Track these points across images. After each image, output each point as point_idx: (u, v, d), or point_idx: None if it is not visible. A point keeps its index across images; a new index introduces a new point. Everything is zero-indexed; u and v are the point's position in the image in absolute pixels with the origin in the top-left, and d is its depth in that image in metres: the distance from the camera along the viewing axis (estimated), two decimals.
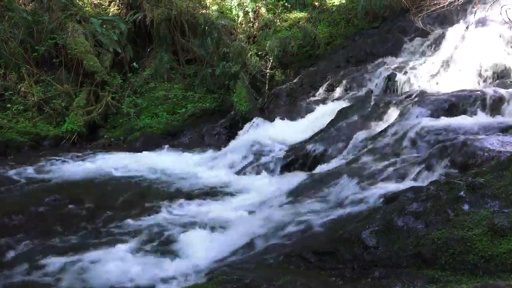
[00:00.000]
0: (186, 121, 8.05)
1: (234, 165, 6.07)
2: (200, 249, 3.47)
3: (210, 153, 6.68)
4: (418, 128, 4.62)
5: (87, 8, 9.44)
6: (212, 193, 4.97)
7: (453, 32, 7.48)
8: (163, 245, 3.61)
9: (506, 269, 2.23)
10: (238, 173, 5.83)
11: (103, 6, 9.94)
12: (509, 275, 2.19)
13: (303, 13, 10.12)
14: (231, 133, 7.53)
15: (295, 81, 8.53)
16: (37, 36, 8.35)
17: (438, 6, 6.76)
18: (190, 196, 4.84)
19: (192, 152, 6.90)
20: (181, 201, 4.65)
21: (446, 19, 8.06)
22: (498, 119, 4.59)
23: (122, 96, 8.41)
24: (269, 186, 5.04)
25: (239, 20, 10.09)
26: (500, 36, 6.63)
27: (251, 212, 4.21)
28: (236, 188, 5.11)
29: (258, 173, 5.75)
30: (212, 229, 3.87)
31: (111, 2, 9.94)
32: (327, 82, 7.97)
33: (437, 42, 7.65)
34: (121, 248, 3.58)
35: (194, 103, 8.36)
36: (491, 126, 4.31)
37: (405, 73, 7.04)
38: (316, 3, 10.27)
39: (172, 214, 4.31)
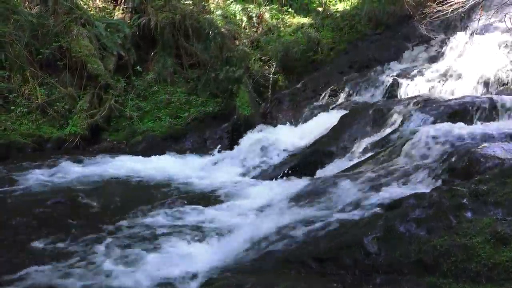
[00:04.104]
0: (188, 125, 8.05)
1: (236, 169, 6.07)
2: (201, 253, 3.47)
3: (212, 157, 6.69)
4: (420, 135, 4.61)
5: (91, 12, 9.50)
6: (213, 197, 4.97)
7: (457, 39, 7.50)
8: (163, 248, 3.60)
9: (508, 277, 2.22)
10: (239, 177, 5.82)
11: (108, 10, 10.00)
12: None
13: (307, 19, 10.15)
14: (234, 137, 7.53)
15: (298, 86, 8.55)
16: (42, 39, 8.39)
17: (441, 13, 6.76)
18: (191, 200, 4.83)
19: (194, 156, 6.90)
20: (183, 204, 4.64)
21: (449, 26, 8.07)
22: (502, 126, 4.57)
23: (125, 100, 8.44)
24: (270, 190, 5.02)
25: (243, 25, 10.12)
26: (503, 43, 6.63)
27: (252, 217, 4.20)
28: (237, 192, 5.10)
29: (259, 177, 5.75)
30: (213, 233, 3.86)
31: (116, 6, 10.00)
32: (330, 88, 7.99)
33: (441, 49, 7.67)
34: (122, 250, 3.58)
35: (197, 107, 8.38)
36: (494, 133, 4.30)
37: (408, 79, 7.05)
38: (320, 9, 10.31)
39: (172, 218, 4.30)
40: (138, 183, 5.58)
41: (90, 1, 9.85)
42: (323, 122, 6.82)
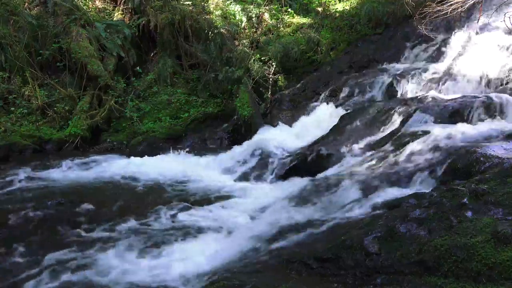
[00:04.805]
0: (189, 125, 8.05)
1: (236, 169, 6.07)
2: (201, 253, 3.47)
3: (212, 157, 6.68)
4: (421, 134, 4.61)
5: (91, 13, 9.50)
6: (214, 197, 4.97)
7: (457, 39, 7.49)
8: (164, 249, 3.61)
9: (509, 277, 2.22)
10: (240, 177, 5.82)
11: (108, 11, 10.00)
12: None
13: (306, 19, 10.15)
14: (234, 138, 7.54)
15: (297, 86, 8.55)
16: (42, 40, 8.40)
17: (441, 13, 6.76)
18: (192, 200, 4.84)
19: (194, 156, 6.90)
20: (183, 205, 4.65)
21: (449, 25, 8.07)
22: (501, 125, 4.57)
23: (125, 100, 8.44)
24: (271, 191, 5.03)
25: (243, 25, 10.13)
26: (503, 43, 6.63)
27: (252, 217, 4.20)
28: (238, 192, 5.10)
29: (260, 178, 5.75)
30: (214, 233, 3.86)
31: (115, 7, 10.00)
32: (330, 88, 7.99)
33: (440, 49, 7.67)
34: (123, 252, 3.58)
35: (197, 107, 8.38)
36: (494, 132, 4.30)
37: (408, 79, 7.05)
38: (319, 9, 10.30)
39: (173, 218, 4.31)
40: (137, 184, 5.58)
41: (90, 2, 9.86)
42: (323, 122, 6.82)
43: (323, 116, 7.19)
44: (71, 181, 5.60)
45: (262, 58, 9.21)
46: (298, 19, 10.20)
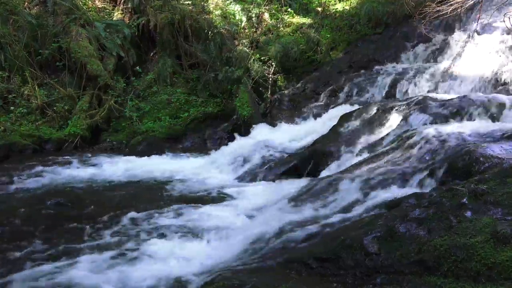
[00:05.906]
0: (188, 125, 8.06)
1: (235, 169, 6.07)
2: (201, 253, 3.47)
3: (212, 157, 6.69)
4: (420, 134, 4.61)
5: (91, 12, 9.50)
6: (213, 197, 4.97)
7: (456, 39, 7.51)
8: (163, 248, 3.60)
9: (508, 277, 2.22)
10: (239, 177, 5.83)
11: (107, 11, 10.00)
12: None
13: (306, 19, 10.16)
14: (234, 138, 7.54)
15: (297, 86, 8.57)
16: (41, 40, 8.40)
17: (441, 13, 6.77)
18: (191, 200, 4.84)
19: (194, 156, 6.90)
20: (182, 205, 4.65)
21: (449, 25, 8.08)
22: (501, 125, 4.57)
23: (125, 100, 8.44)
24: (270, 190, 5.03)
25: (243, 25, 10.13)
26: (502, 43, 6.64)
27: (252, 217, 4.20)
28: (237, 192, 5.10)
29: (259, 177, 5.75)
30: (213, 233, 3.86)
31: (115, 6, 10.00)
32: (330, 88, 8.00)
33: (440, 49, 7.68)
34: (122, 252, 3.58)
35: (197, 107, 8.38)
36: (493, 132, 4.30)
37: (408, 79, 7.06)
38: (319, 9, 10.31)
39: (173, 218, 4.31)
40: (137, 183, 5.59)
41: (89, 2, 9.85)
42: (322, 122, 6.84)
43: (323, 117, 7.20)
44: (71, 181, 5.60)
45: (262, 58, 9.21)
46: (298, 19, 10.20)
